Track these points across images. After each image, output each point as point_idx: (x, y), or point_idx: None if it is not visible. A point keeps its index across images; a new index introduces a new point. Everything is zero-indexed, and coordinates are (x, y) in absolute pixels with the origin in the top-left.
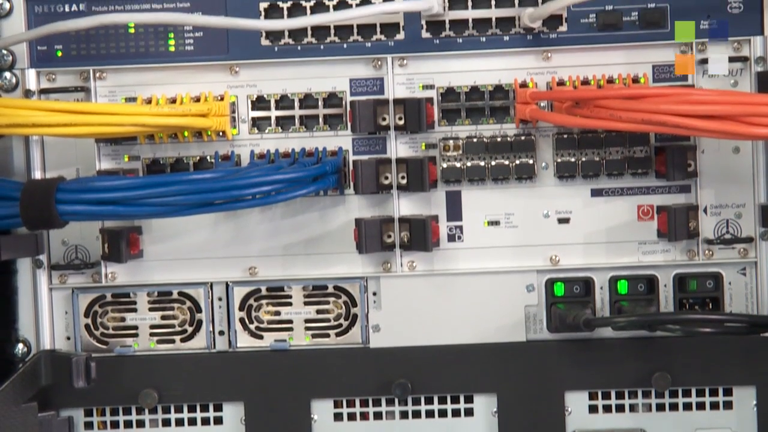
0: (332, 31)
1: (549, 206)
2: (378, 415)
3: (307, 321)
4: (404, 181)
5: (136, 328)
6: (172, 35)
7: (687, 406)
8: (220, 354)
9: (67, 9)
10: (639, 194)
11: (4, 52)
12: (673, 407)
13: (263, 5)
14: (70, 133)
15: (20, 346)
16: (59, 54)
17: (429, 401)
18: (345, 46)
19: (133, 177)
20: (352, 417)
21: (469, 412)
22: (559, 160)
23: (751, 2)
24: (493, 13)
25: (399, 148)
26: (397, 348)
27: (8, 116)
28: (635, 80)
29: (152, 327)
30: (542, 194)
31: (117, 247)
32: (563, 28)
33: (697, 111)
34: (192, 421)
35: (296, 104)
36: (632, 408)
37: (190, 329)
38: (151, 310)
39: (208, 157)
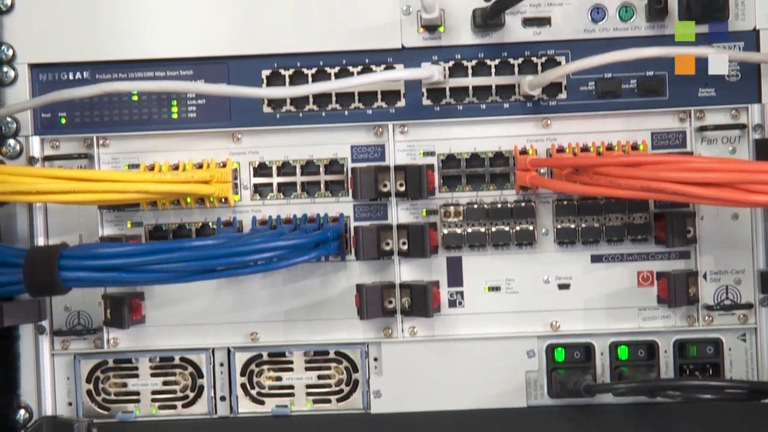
0: (334, 99)
1: (549, 272)
2: None
3: (308, 386)
4: (405, 247)
5: (137, 393)
6: (175, 103)
7: None
8: (221, 420)
9: (71, 77)
10: (639, 260)
11: (9, 119)
12: None
13: (265, 73)
14: (73, 200)
15: (22, 412)
16: (63, 121)
17: None
18: (346, 113)
19: (136, 244)
20: None
21: None
22: (559, 227)
23: (748, 70)
24: (493, 80)
25: (400, 214)
26: (398, 414)
27: (12, 183)
28: (634, 147)
29: (154, 393)
30: (542, 260)
31: (119, 313)
32: (563, 95)
33: (696, 178)
34: None
35: (298, 171)
36: None
37: (191, 395)
38: (153, 375)
39: (211, 224)
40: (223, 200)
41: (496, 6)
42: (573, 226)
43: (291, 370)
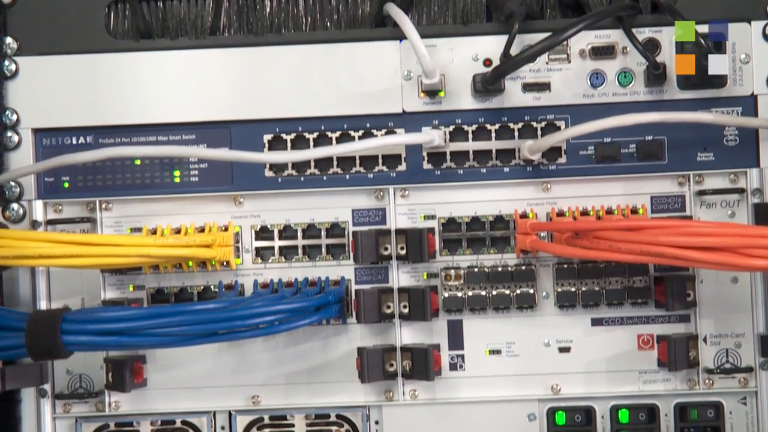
0: (335, 163)
1: (550, 335)
2: None
3: None
4: (406, 311)
5: None
6: (177, 167)
7: None
8: None
9: (74, 141)
10: (639, 324)
11: (12, 183)
12: None
13: (267, 137)
14: (76, 264)
15: None
16: (66, 185)
17: None
18: (347, 177)
19: (138, 308)
20: None
21: None
22: (559, 290)
23: (746, 135)
24: (494, 145)
25: (401, 277)
26: None
27: (15, 248)
28: (634, 211)
29: None
30: (543, 323)
31: (121, 376)
32: (562, 159)
33: (695, 243)
34: None
35: (299, 234)
36: None
37: None
38: None
39: (212, 287)
40: (224, 264)
41: (496, 71)
42: (573, 289)
43: None
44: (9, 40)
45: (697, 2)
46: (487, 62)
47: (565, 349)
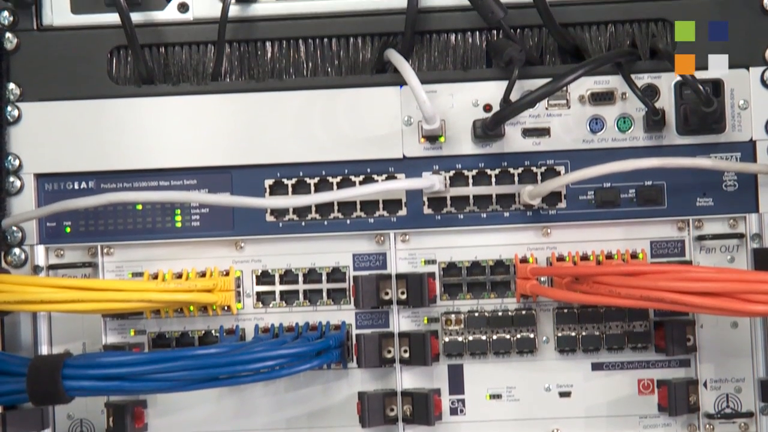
0: (336, 207)
1: (550, 380)
2: None
3: None
4: (407, 355)
5: None
6: (178, 212)
7: None
8: None
9: (76, 186)
10: (639, 368)
11: (14, 228)
12: None
13: (268, 182)
14: (77, 309)
15: None
16: (68, 230)
17: None
18: (348, 221)
19: (139, 353)
20: None
21: None
22: (559, 335)
23: (745, 180)
24: (494, 190)
25: (401, 322)
26: None
27: (17, 293)
28: (634, 256)
29: None
30: (543, 368)
31: (122, 421)
32: (562, 204)
33: (695, 288)
34: None
35: (300, 279)
36: None
37: None
38: None
39: (213, 332)
40: (225, 308)
41: (496, 117)
42: (573, 334)
43: None
44: (12, 86)
45: (695, 49)
46: (488, 107)
47: (565, 394)
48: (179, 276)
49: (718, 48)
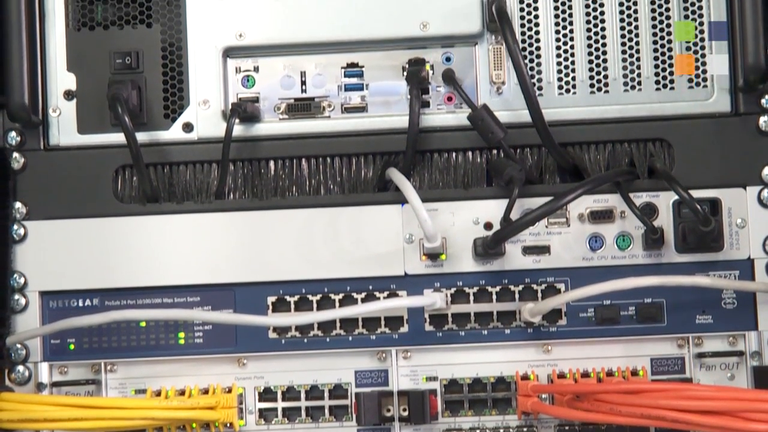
0: (338, 324)
1: None
2: None
3: None
4: None
5: None
6: (182, 329)
7: None
8: None
9: (80, 304)
10: None
11: (18, 346)
12: None
13: (271, 299)
14: (80, 427)
15: None
16: (72, 347)
17: None
18: (350, 338)
19: None
20: None
21: None
22: None
23: (744, 298)
24: (494, 307)
25: None
26: None
27: (20, 411)
28: (634, 373)
29: None
30: None
31: None
32: (563, 321)
33: (695, 406)
34: None
35: (302, 395)
36: None
37: None
38: None
39: None
40: (228, 425)
41: (496, 236)
42: None
43: None
44: (18, 204)
45: (693, 168)
46: (488, 225)
47: None
48: (182, 393)
49: (716, 166)
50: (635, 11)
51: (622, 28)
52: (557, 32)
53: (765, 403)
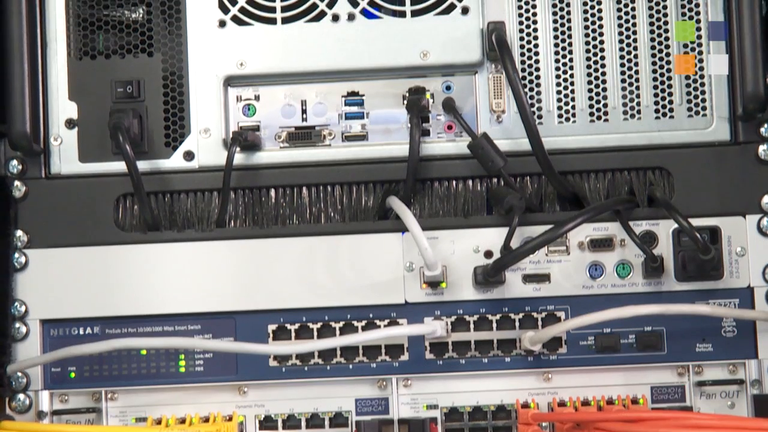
0: (338, 352)
1: None
2: None
3: None
4: None
5: None
6: (182, 357)
7: None
8: None
9: (81, 332)
10: None
11: (19, 374)
12: None
13: (271, 327)
14: None
15: None
16: (72, 375)
17: None
18: (351, 366)
19: None
20: None
21: None
22: None
23: (744, 326)
24: (495, 335)
25: None
26: None
27: None
28: (634, 401)
29: None
30: None
31: None
32: (563, 350)
33: None
34: None
35: (303, 424)
36: None
37: None
38: None
39: None
40: None
41: (496, 265)
42: None
43: None
44: (19, 233)
45: (692, 197)
46: (488, 254)
47: None
48: (182, 421)
49: (715, 194)
50: (635, 41)
51: (622, 57)
52: (557, 61)
53: (765, 431)
